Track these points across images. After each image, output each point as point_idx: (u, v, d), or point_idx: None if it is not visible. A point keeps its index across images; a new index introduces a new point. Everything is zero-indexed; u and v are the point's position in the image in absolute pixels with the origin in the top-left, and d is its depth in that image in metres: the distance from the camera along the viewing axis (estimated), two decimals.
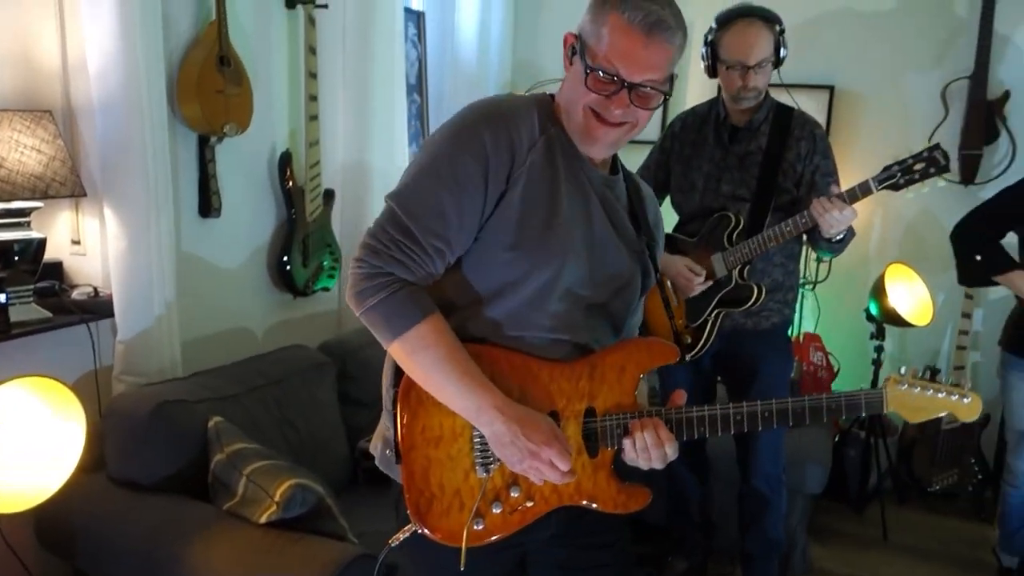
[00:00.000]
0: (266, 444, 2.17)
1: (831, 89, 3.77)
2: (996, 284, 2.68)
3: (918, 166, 2.19)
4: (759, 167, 2.48)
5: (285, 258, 2.82)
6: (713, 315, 2.53)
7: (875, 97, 3.76)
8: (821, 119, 3.76)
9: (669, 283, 2.59)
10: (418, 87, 3.79)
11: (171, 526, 1.93)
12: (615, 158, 1.51)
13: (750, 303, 2.48)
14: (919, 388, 1.38)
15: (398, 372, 1.38)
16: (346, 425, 2.66)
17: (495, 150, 1.32)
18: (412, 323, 1.31)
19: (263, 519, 1.87)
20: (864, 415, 1.38)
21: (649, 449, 1.38)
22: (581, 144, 1.40)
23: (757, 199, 2.48)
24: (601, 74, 1.32)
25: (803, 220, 2.31)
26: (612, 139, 1.39)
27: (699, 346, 2.55)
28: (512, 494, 1.39)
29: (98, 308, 2.25)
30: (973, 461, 3.53)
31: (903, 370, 1.40)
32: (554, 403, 1.40)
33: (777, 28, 2.44)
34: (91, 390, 2.25)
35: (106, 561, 1.99)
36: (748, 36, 2.39)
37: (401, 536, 1.40)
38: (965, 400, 1.38)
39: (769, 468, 2.66)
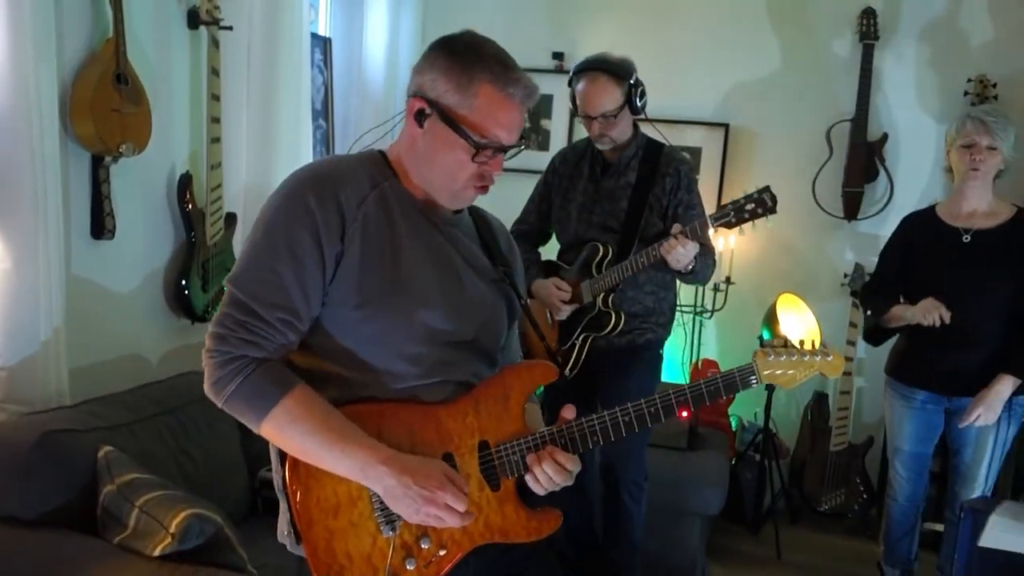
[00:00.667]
0: (161, 475, 2.07)
1: (726, 127, 3.95)
2: (895, 331, 2.89)
3: (748, 206, 2.37)
4: (627, 201, 2.65)
5: (183, 282, 2.73)
6: (580, 339, 2.67)
7: (767, 135, 3.97)
8: (717, 154, 3.94)
9: (542, 306, 2.75)
10: (324, 112, 3.77)
11: (57, 563, 1.82)
12: None
13: (609, 328, 2.63)
14: (785, 356, 1.43)
15: (283, 452, 1.36)
16: (246, 454, 2.57)
17: (323, 213, 1.32)
18: (274, 401, 1.30)
19: (157, 552, 1.79)
20: (741, 391, 1.45)
21: (553, 478, 1.40)
22: (447, 201, 1.44)
23: (625, 230, 2.65)
24: (488, 148, 1.37)
25: (654, 253, 2.46)
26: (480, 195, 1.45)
27: (569, 367, 2.68)
28: (423, 546, 1.37)
29: None
30: (859, 482, 3.71)
31: (769, 340, 1.46)
32: (446, 445, 1.39)
33: (627, 83, 2.57)
34: None
35: None
36: (590, 91, 2.57)
37: None
38: (828, 358, 1.45)
39: (634, 475, 2.75)
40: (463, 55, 1.36)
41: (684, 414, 3.30)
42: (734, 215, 2.38)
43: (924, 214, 2.89)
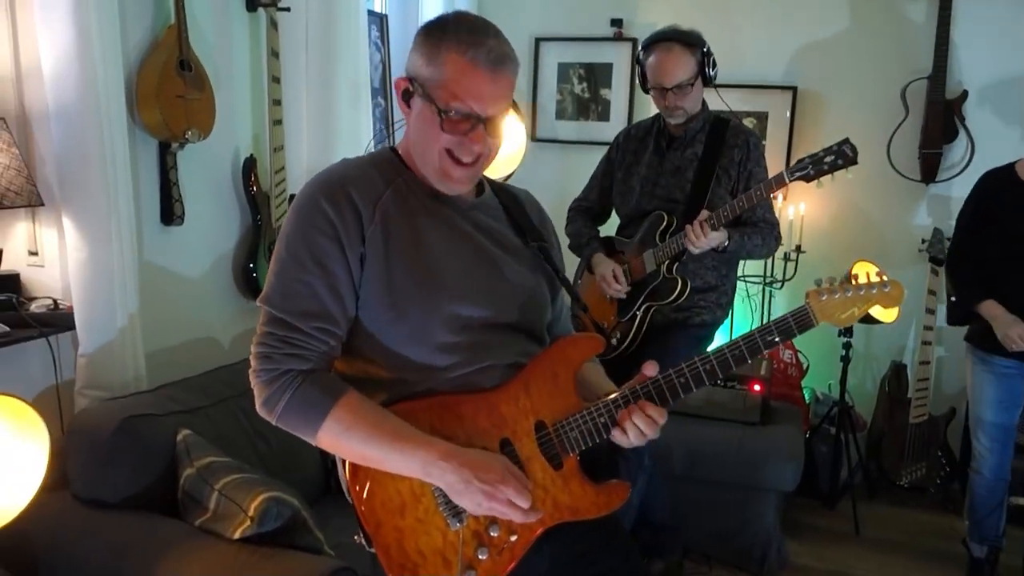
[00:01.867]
0: (236, 456, 2.11)
1: (794, 90, 3.81)
2: (976, 318, 2.79)
3: (828, 159, 2.33)
4: (693, 172, 2.61)
5: (251, 265, 2.76)
6: (642, 309, 2.62)
7: (837, 97, 3.81)
8: (785, 119, 3.81)
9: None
10: (382, 90, 3.75)
11: (141, 544, 1.87)
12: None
13: (674, 296, 2.58)
14: (839, 293, 1.37)
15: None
16: None
17: (340, 217, 1.32)
18: (326, 411, 1.30)
19: (237, 534, 1.82)
20: (798, 335, 1.38)
21: (644, 431, 1.36)
22: (440, 184, 1.40)
23: (690, 202, 2.59)
24: (455, 114, 1.33)
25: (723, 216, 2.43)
26: (470, 175, 1.40)
27: (628, 340, 2.65)
28: (492, 534, 1.36)
29: (58, 321, 2.17)
30: (940, 455, 3.59)
31: (821, 282, 1.40)
32: (502, 430, 1.37)
33: (700, 51, 2.54)
34: (52, 406, 2.18)
35: None
36: (665, 62, 2.53)
37: None
38: (886, 289, 1.38)
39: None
40: (436, 29, 1.35)
41: (757, 387, 3.22)
42: (812, 167, 2.33)
43: (1002, 172, 2.76)
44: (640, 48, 2.63)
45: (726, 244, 2.49)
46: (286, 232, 1.35)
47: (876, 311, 3.47)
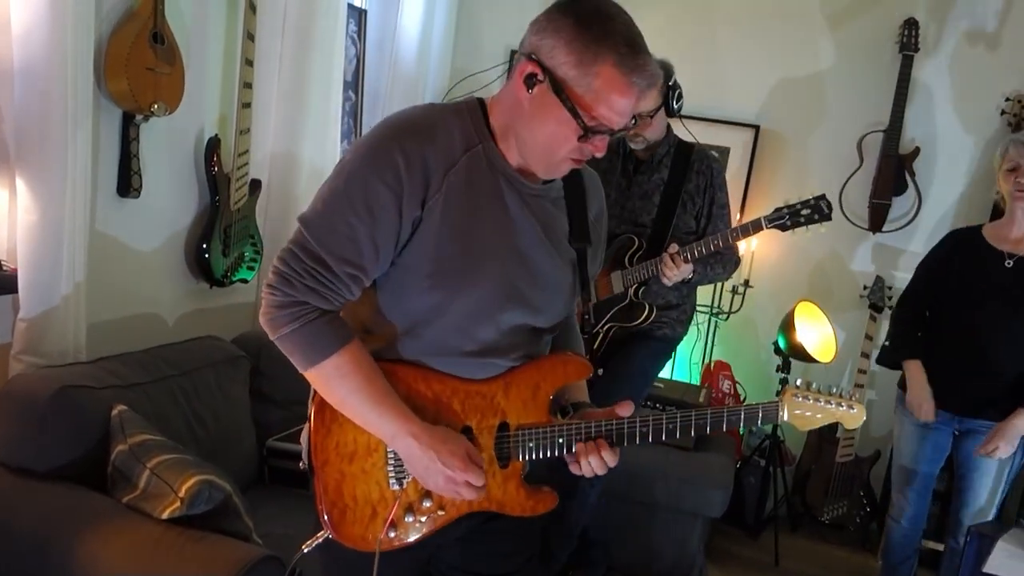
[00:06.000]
0: (172, 436, 2.08)
1: (756, 128, 3.91)
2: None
3: (804, 211, 2.44)
4: (660, 197, 2.66)
5: (204, 245, 2.73)
6: (605, 328, 2.64)
7: (797, 140, 3.92)
8: (745, 155, 3.90)
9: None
10: (354, 85, 3.74)
11: (66, 517, 1.83)
12: None
13: (640, 321, 2.65)
14: (812, 400, 1.44)
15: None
16: (256, 422, 2.58)
17: (409, 175, 1.27)
18: (329, 353, 1.31)
19: (165, 515, 1.79)
20: (759, 426, 1.47)
21: (596, 470, 1.42)
22: (543, 173, 1.38)
23: (656, 226, 2.66)
24: (598, 129, 1.29)
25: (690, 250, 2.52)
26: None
27: (588, 355, 2.68)
28: (424, 504, 1.42)
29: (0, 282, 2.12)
30: (862, 494, 3.70)
31: (799, 382, 1.46)
32: (468, 419, 1.42)
33: (666, 84, 2.59)
34: None
35: None
36: None
37: (314, 542, 1.42)
38: (852, 411, 1.45)
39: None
40: (590, 27, 1.24)
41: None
42: (789, 219, 2.44)
43: (970, 233, 2.82)
44: None
45: (690, 278, 2.55)
46: (351, 166, 1.29)
47: (814, 350, 3.56)
